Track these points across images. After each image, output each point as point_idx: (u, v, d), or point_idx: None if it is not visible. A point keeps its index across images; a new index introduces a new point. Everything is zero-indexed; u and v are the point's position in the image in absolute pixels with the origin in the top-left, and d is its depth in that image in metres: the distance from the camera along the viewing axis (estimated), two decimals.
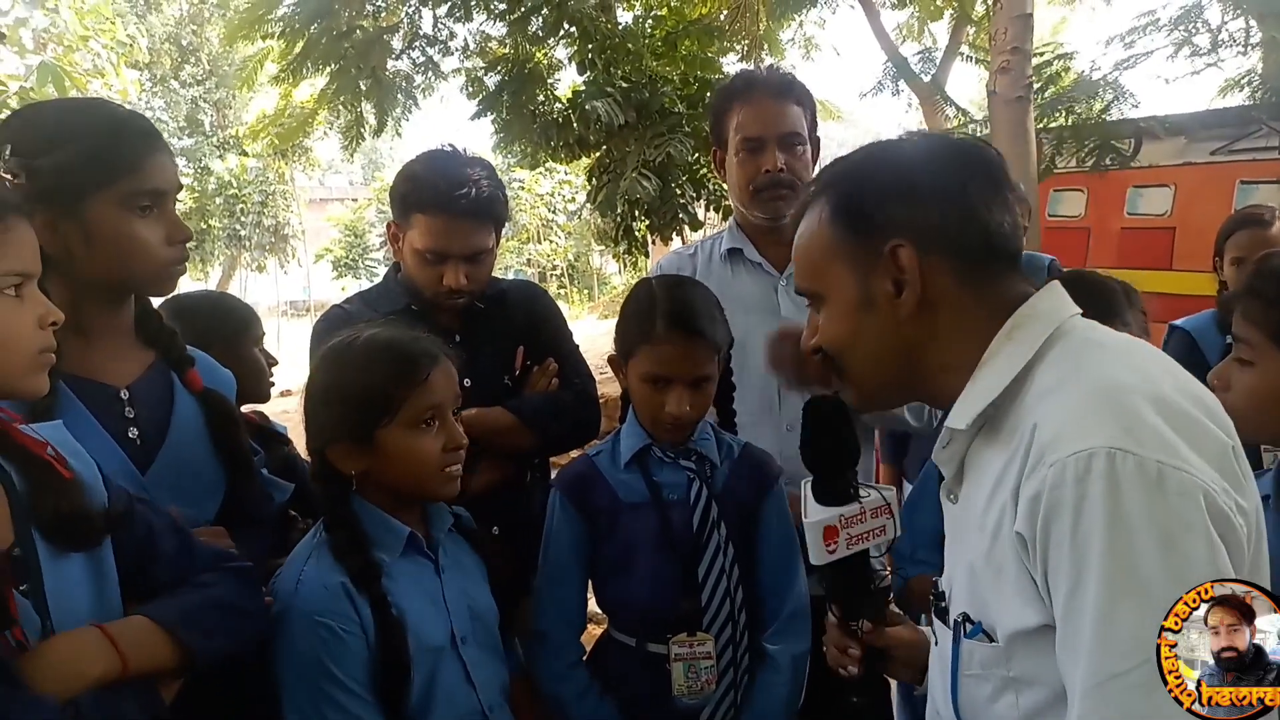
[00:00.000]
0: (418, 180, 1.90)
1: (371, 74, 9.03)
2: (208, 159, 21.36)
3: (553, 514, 1.69)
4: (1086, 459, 0.86)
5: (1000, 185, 1.06)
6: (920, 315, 1.04)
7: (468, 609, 1.50)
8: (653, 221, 8.77)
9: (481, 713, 1.47)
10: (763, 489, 1.71)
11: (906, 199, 1.04)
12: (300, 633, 1.33)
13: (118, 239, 1.34)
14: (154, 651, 1.12)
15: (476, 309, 2.02)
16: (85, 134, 1.33)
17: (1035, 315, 1.02)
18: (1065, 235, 7.74)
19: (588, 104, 8.16)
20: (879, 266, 1.04)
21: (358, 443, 1.41)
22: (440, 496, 1.49)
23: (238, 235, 21.20)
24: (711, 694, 1.60)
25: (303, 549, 1.44)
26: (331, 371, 1.45)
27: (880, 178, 1.07)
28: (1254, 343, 1.36)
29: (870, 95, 14.04)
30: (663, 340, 1.58)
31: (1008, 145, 6.14)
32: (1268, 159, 6.24)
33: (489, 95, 8.89)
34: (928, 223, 1.03)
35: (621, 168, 8.52)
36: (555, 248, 24.69)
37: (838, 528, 1.21)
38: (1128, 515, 0.84)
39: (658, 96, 8.39)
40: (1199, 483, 0.85)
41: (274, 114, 11.23)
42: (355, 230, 26.18)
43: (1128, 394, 0.91)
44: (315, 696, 1.32)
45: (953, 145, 1.11)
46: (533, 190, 23.49)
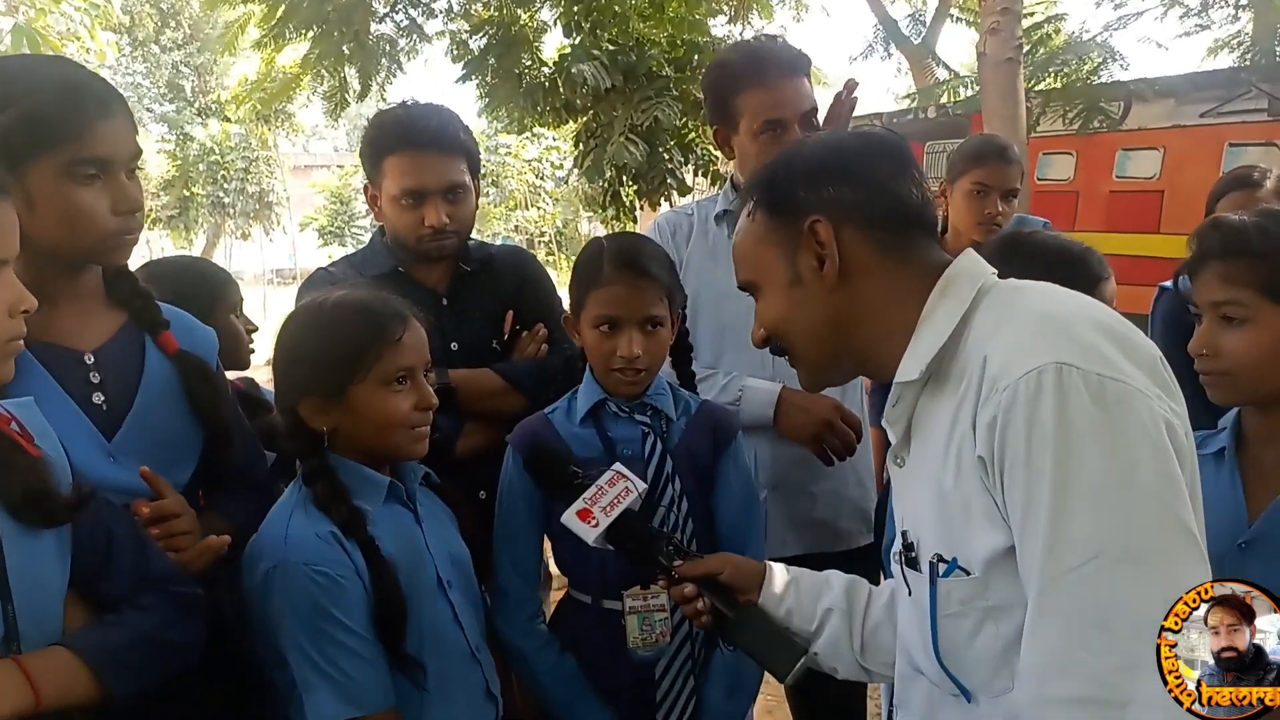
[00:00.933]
0: (381, 127, 1.93)
1: (354, 37, 8.88)
2: (190, 125, 21.06)
3: (507, 471, 1.70)
4: (1036, 377, 0.94)
5: (905, 164, 1.17)
6: (846, 284, 1.14)
7: (449, 555, 1.55)
8: (640, 187, 8.70)
9: (470, 653, 1.53)
10: (720, 446, 1.72)
11: (819, 179, 1.15)
12: (297, 583, 1.34)
13: (60, 207, 1.29)
14: (71, 689, 1.10)
15: (464, 271, 2.01)
16: (28, 96, 1.27)
17: (962, 273, 1.12)
18: (1054, 198, 7.73)
19: (574, 67, 8.06)
20: (802, 245, 1.14)
21: (329, 399, 1.42)
22: (409, 455, 1.51)
23: (221, 202, 20.98)
24: (667, 646, 1.63)
25: (283, 506, 1.45)
26: (303, 329, 1.47)
27: (795, 166, 1.19)
28: (1244, 301, 1.38)
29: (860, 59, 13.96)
30: (610, 281, 1.62)
31: (997, 107, 6.11)
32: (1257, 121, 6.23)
33: (474, 59, 8.77)
34: (840, 198, 1.14)
35: (608, 132, 8.44)
36: (543, 214, 24.53)
37: (589, 509, 1.43)
38: (1074, 425, 0.91)
39: (645, 59, 8.29)
40: (1137, 390, 0.93)
41: (257, 79, 11.05)
42: (341, 197, 25.94)
43: (1063, 318, 1.00)
44: (320, 641, 1.35)
45: (860, 134, 1.26)
46: (519, 156, 23.27)
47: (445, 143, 1.90)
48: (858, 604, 1.35)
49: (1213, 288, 1.41)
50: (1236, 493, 1.42)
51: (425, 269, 1.99)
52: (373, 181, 1.97)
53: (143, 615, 1.21)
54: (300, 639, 1.35)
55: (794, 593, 1.37)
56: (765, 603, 1.37)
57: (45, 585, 1.12)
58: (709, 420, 1.74)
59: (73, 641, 1.13)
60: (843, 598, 1.36)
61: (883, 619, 1.33)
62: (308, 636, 1.35)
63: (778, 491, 2.08)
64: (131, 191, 1.36)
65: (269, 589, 1.36)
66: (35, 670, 1.07)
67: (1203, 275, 1.43)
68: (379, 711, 1.37)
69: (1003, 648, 1.02)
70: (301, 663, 1.35)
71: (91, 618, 1.19)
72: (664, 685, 1.64)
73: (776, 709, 3.18)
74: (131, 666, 1.17)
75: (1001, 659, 1.02)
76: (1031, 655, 0.94)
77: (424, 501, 1.57)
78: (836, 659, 1.35)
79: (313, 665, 1.35)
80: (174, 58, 21.25)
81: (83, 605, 1.18)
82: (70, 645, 1.13)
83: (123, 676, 1.15)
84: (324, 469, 1.43)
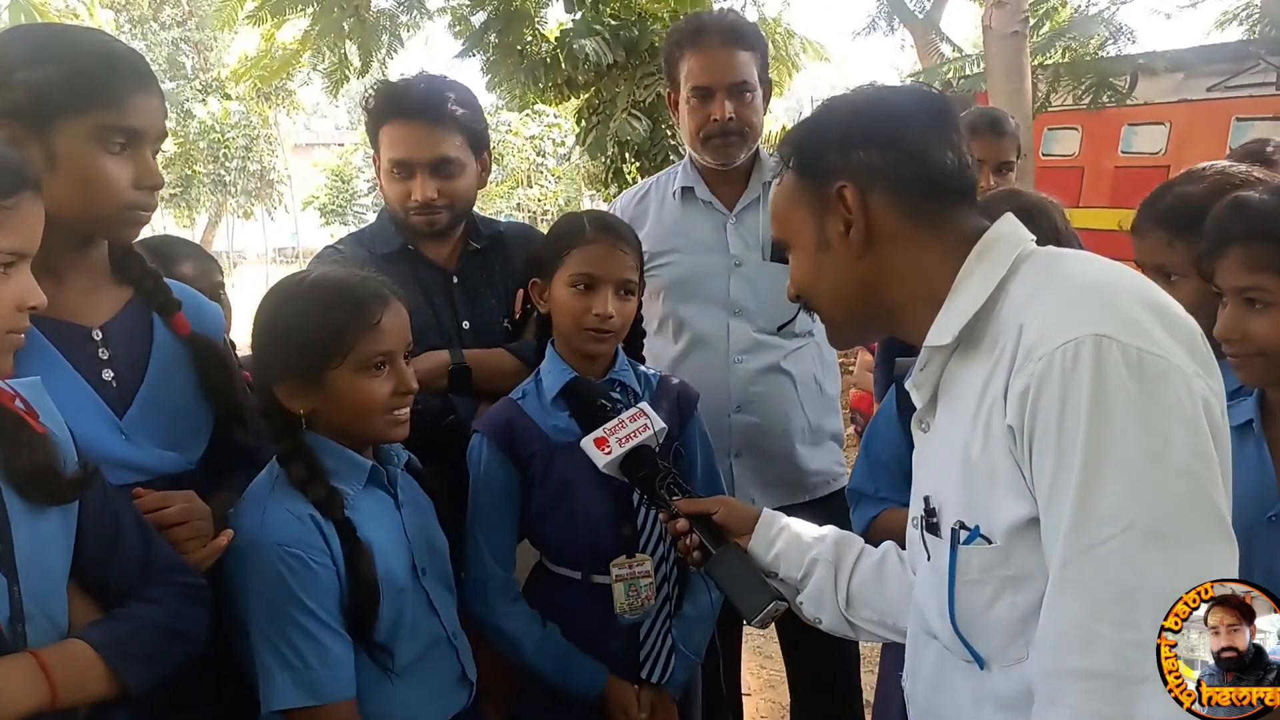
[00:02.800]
0: (377, 96, 1.92)
1: (355, 13, 8.83)
2: (190, 103, 20.98)
3: (479, 461, 1.69)
4: (1074, 347, 0.92)
5: (943, 126, 1.12)
6: (873, 251, 1.12)
7: (426, 541, 1.54)
8: (643, 163, 8.65)
9: (447, 639, 1.53)
10: (684, 417, 1.79)
11: (848, 143, 1.12)
12: (268, 564, 1.33)
13: (83, 170, 1.28)
14: (88, 685, 1.10)
15: (473, 249, 1.99)
16: (69, 56, 1.27)
17: (1001, 238, 1.10)
18: (1059, 174, 7.68)
19: (575, 43, 8.00)
20: (830, 209, 1.13)
21: (306, 382, 1.40)
22: (388, 439, 1.48)
23: (222, 181, 20.95)
24: (651, 608, 1.71)
25: (261, 485, 1.42)
26: (281, 311, 1.43)
27: (826, 127, 1.16)
28: (1269, 286, 1.34)
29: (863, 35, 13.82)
30: (592, 240, 1.66)
31: (1002, 81, 6.06)
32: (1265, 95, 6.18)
33: (474, 34, 8.71)
34: (869, 163, 1.11)
35: (611, 109, 8.39)
36: (545, 192, 24.45)
37: (605, 438, 1.52)
38: (1110, 398, 0.90)
39: (647, 34, 8.23)
40: (1176, 366, 0.91)
41: (256, 55, 10.97)
42: (342, 176, 25.90)
43: (1105, 289, 0.98)
44: (285, 626, 1.32)
45: (895, 91, 1.20)
46: (521, 134, 23.17)
47: (434, 114, 1.86)
48: (846, 559, 1.37)
49: (1236, 273, 1.37)
50: (1265, 465, 1.40)
51: (435, 246, 1.97)
52: (376, 151, 1.96)
53: (152, 607, 1.20)
54: (264, 621, 1.33)
55: (784, 540, 1.39)
56: (755, 546, 1.40)
57: (50, 565, 1.12)
58: (671, 393, 1.79)
59: (87, 635, 1.13)
60: (830, 550, 1.37)
61: (870, 577, 1.35)
62: (272, 620, 1.32)
63: (741, 458, 2.17)
64: (155, 167, 1.35)
65: (239, 566, 1.34)
66: (53, 665, 1.06)
67: (1225, 259, 1.38)
68: (336, 702, 1.35)
69: (1020, 617, 1.01)
70: (262, 645, 1.33)
71: (93, 607, 1.18)
72: (647, 645, 1.71)
73: (779, 684, 3.20)
74: (145, 659, 1.16)
75: (1018, 628, 1.02)
76: (1050, 626, 0.94)
77: (405, 487, 1.54)
78: (821, 609, 1.37)
79: (274, 650, 1.33)
80: (173, 35, 21.12)
81: (85, 595, 1.18)
82: (86, 639, 1.12)
83: (138, 670, 1.14)
84: (300, 450, 1.40)
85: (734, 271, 2.15)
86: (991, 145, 2.62)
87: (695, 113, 2.11)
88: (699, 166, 2.22)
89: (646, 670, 1.71)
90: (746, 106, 2.11)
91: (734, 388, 2.14)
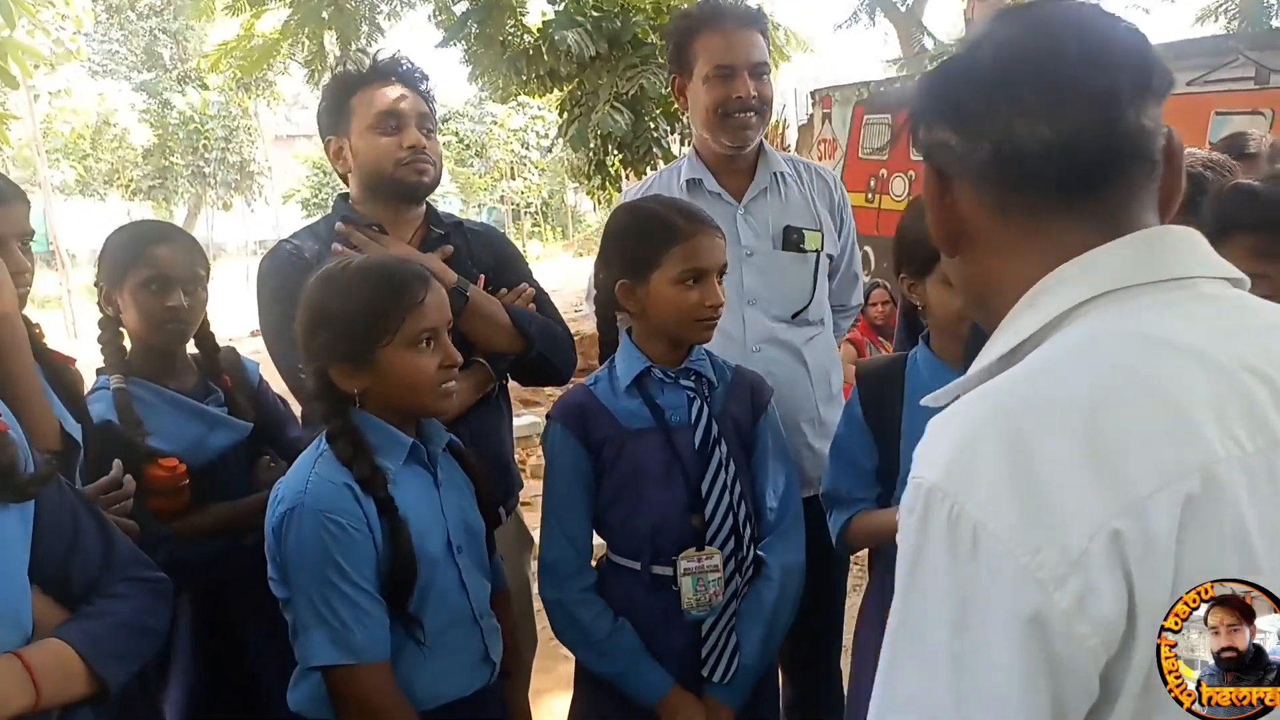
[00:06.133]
0: (346, 73, 2.00)
1: (334, 2, 8.76)
2: (169, 93, 20.77)
3: (554, 446, 1.71)
4: (912, 490, 0.71)
5: (1052, 88, 0.75)
6: (968, 253, 0.84)
7: (462, 521, 1.58)
8: (626, 156, 8.65)
9: (473, 618, 1.56)
10: (759, 409, 1.78)
11: (927, 114, 0.85)
12: (310, 528, 1.40)
13: None
14: (70, 685, 1.09)
15: (435, 234, 2.00)
16: None
17: (1067, 279, 0.76)
18: None
19: (557, 34, 7.97)
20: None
21: (358, 363, 1.47)
22: (438, 411, 1.56)
23: (202, 172, 20.75)
24: (719, 604, 1.66)
25: (308, 456, 1.50)
26: (328, 296, 1.49)
27: (920, 93, 0.87)
28: (1273, 274, 1.29)
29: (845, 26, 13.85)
30: (693, 234, 1.63)
31: None
32: (1243, 89, 6.22)
33: (456, 23, 8.66)
34: (945, 143, 0.82)
35: (593, 101, 8.37)
36: (528, 185, 24.38)
37: None
38: (926, 575, 0.69)
39: (630, 26, 8.21)
40: (1024, 565, 0.65)
41: (234, 42, 10.85)
42: (324, 168, 25.68)
43: (1038, 414, 0.68)
44: (324, 588, 1.39)
45: (1011, 30, 0.80)
46: (505, 126, 23.08)
47: (417, 83, 1.97)
48: None
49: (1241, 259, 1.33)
50: None
51: (398, 232, 1.96)
52: (338, 130, 1.96)
53: (121, 603, 1.20)
54: (305, 581, 1.40)
55: None
56: None
57: (10, 565, 1.10)
58: (747, 384, 1.78)
59: (65, 634, 1.12)
60: None
61: None
62: (313, 580, 1.40)
63: None
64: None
65: (285, 530, 1.42)
66: (36, 665, 1.05)
67: (1228, 245, 1.31)
68: (371, 662, 1.41)
69: None
70: (302, 605, 1.41)
71: (54, 605, 1.17)
72: (710, 640, 1.67)
73: None
74: (121, 656, 1.16)
75: None
76: None
77: (445, 466, 1.61)
78: None
79: (313, 609, 1.40)
80: (150, 24, 20.88)
81: (45, 594, 1.16)
82: (64, 638, 1.11)
83: (115, 667, 1.14)
84: (347, 428, 1.47)
85: (746, 261, 2.15)
86: None
87: (715, 90, 2.11)
88: (706, 157, 2.22)
89: (709, 668, 1.65)
90: (766, 86, 2.15)
91: None
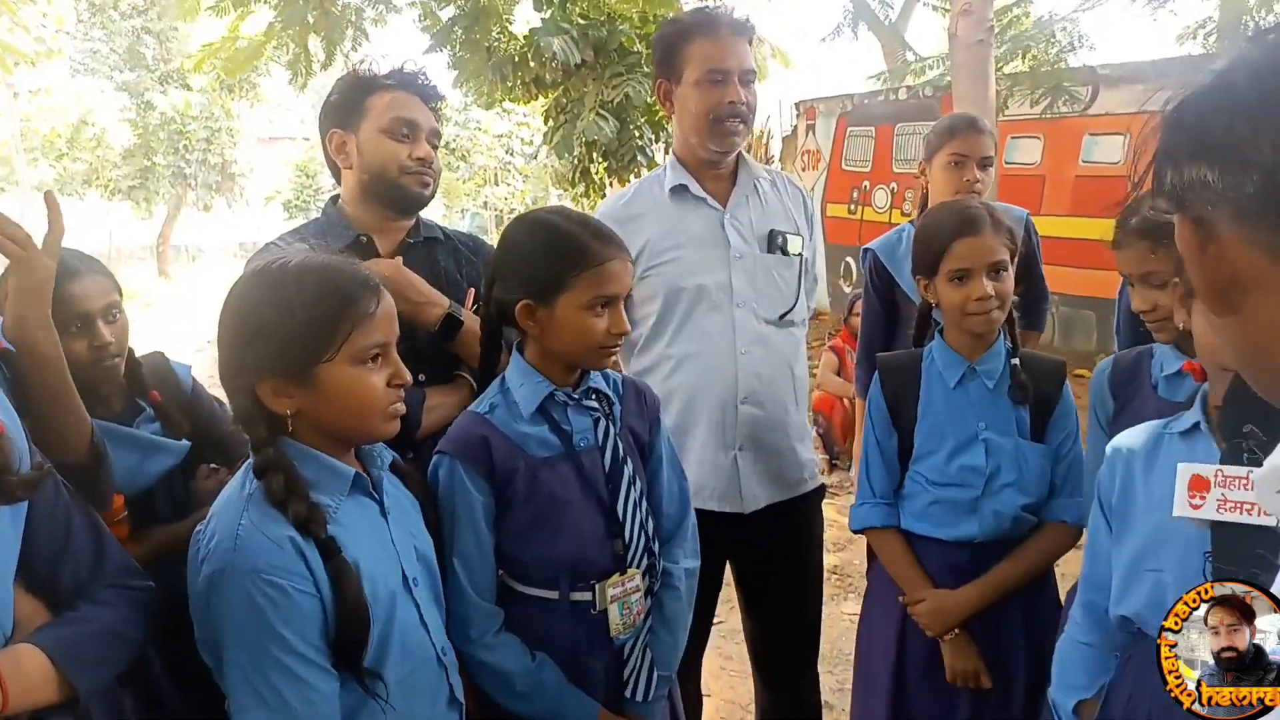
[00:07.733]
0: (363, 74, 1.97)
1: (319, 5, 8.72)
2: (150, 93, 20.59)
3: (452, 485, 1.54)
4: None
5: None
6: (1239, 307, 0.70)
7: (414, 550, 1.42)
8: (610, 164, 8.65)
9: (436, 656, 1.41)
10: (652, 418, 1.73)
11: (1176, 154, 0.74)
12: (241, 594, 1.20)
13: None
14: (38, 689, 1.08)
15: (420, 240, 2.00)
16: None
17: None
18: (1020, 182, 7.77)
19: (543, 41, 7.97)
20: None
21: (292, 379, 1.27)
22: (381, 436, 1.38)
23: (183, 173, 20.55)
24: (641, 624, 1.64)
25: (232, 501, 1.28)
26: (263, 301, 1.29)
27: (1164, 132, 0.76)
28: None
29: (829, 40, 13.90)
30: (606, 259, 1.52)
31: (968, 89, 6.12)
32: None
33: (443, 29, 8.65)
34: (1205, 183, 0.70)
35: (579, 108, 8.37)
36: (513, 190, 24.31)
37: (1210, 480, 1.06)
38: None
39: (615, 34, 8.22)
40: None
41: (219, 43, 10.77)
42: (307, 171, 25.54)
43: None
44: (263, 662, 1.20)
45: (1256, 56, 0.66)
46: (490, 131, 23.02)
47: (429, 96, 1.98)
48: None
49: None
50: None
51: (385, 238, 1.96)
52: (347, 125, 1.94)
53: (103, 610, 1.19)
54: (239, 655, 1.21)
55: None
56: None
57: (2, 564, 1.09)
58: (638, 394, 1.72)
59: (39, 640, 1.10)
60: None
61: None
62: (248, 654, 1.20)
63: (744, 451, 2.20)
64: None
65: (212, 593, 1.21)
66: (9, 673, 1.04)
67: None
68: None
69: None
70: (238, 682, 1.21)
71: (40, 607, 1.16)
72: (630, 662, 1.63)
73: (739, 685, 3.20)
74: (95, 663, 1.14)
75: None
76: None
77: (389, 490, 1.42)
78: None
79: (249, 686, 1.21)
80: (133, 24, 20.71)
81: (32, 595, 1.15)
82: (37, 644, 1.10)
83: (87, 675, 1.12)
84: (279, 460, 1.26)
85: (735, 264, 2.18)
86: (972, 141, 2.67)
87: (707, 95, 2.14)
88: (689, 163, 2.24)
89: (630, 689, 1.62)
90: (753, 94, 2.19)
91: (741, 379, 2.17)
